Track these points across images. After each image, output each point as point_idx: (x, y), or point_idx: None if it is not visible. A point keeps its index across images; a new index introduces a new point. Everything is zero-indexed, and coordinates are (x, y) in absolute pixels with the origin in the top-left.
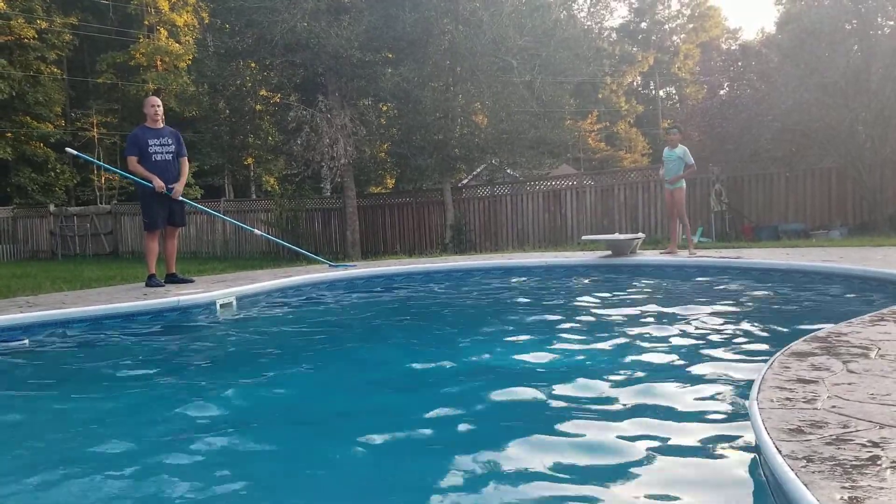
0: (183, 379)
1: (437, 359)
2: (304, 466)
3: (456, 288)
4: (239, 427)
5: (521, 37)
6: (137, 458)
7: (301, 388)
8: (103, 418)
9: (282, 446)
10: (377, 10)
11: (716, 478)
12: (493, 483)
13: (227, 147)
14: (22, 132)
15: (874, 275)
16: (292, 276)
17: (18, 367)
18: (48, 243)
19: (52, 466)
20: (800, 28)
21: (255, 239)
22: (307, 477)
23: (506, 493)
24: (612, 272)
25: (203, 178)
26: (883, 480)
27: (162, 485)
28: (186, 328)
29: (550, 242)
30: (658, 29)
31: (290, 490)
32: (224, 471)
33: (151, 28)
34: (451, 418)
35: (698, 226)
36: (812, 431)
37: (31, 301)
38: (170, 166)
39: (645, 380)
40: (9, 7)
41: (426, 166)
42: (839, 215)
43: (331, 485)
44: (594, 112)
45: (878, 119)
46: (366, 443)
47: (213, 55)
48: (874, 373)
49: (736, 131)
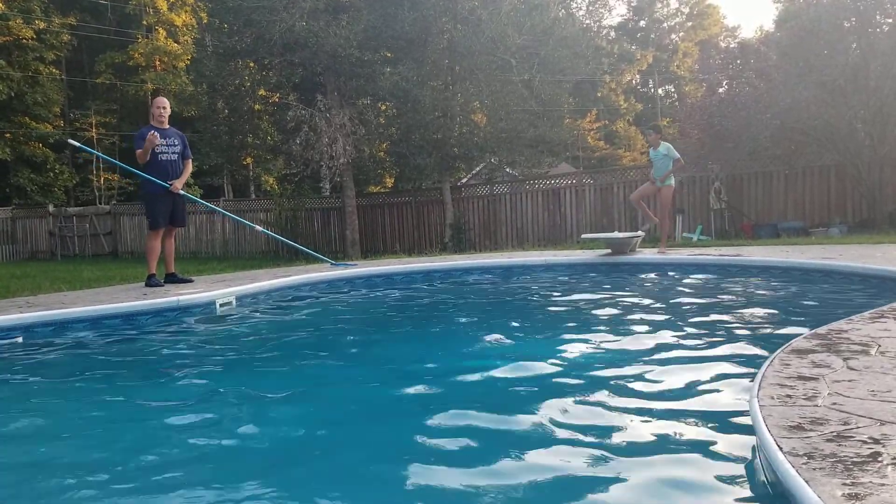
0: (182, 379)
1: (438, 358)
2: (303, 467)
3: (456, 286)
4: (239, 427)
5: (519, 35)
6: (131, 459)
7: (301, 388)
8: (101, 416)
9: (282, 447)
10: (376, 9)
11: (716, 475)
12: (490, 483)
13: (226, 147)
14: (21, 133)
15: (874, 272)
16: (292, 275)
17: (18, 367)
18: (47, 244)
19: (55, 467)
20: (798, 26)
21: (254, 239)
22: (305, 480)
23: (504, 493)
24: (612, 271)
25: (202, 178)
26: (884, 477)
27: (151, 489)
28: (186, 328)
29: (550, 241)
30: (657, 27)
31: (288, 489)
32: (219, 472)
33: (150, 28)
34: (449, 417)
35: (697, 224)
36: (813, 428)
37: (30, 301)
38: (175, 166)
39: (644, 377)
40: (7, 7)
41: (425, 165)
42: (838, 213)
43: (330, 485)
44: (593, 110)
45: (877, 117)
46: (367, 443)
47: (211, 55)
48: (874, 370)
49: (735, 129)
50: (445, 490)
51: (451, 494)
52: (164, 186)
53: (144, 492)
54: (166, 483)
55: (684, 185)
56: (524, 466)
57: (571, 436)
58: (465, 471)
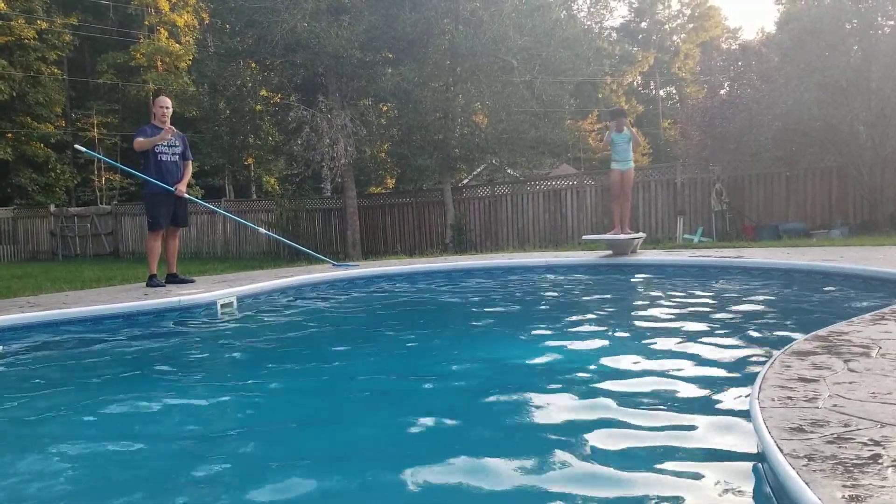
0: (182, 379)
1: (438, 358)
2: (302, 468)
3: (457, 287)
4: (238, 428)
5: (521, 37)
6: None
7: (301, 387)
8: (101, 416)
9: (281, 448)
10: (377, 10)
11: (717, 476)
12: (487, 483)
13: (227, 147)
14: (22, 133)
15: (875, 274)
16: (293, 276)
17: (19, 368)
18: (48, 244)
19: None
20: (800, 27)
21: (255, 239)
22: (307, 482)
23: (504, 493)
24: (613, 272)
25: (203, 179)
26: (884, 479)
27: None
28: (187, 328)
29: (551, 242)
30: (658, 28)
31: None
32: (220, 472)
33: (152, 28)
34: (448, 417)
35: (699, 225)
36: (813, 430)
37: (31, 301)
38: (175, 168)
39: (644, 378)
40: (9, 8)
41: (426, 166)
42: (840, 215)
43: (329, 484)
44: (594, 112)
45: (879, 118)
46: (366, 443)
47: (213, 55)
48: (875, 372)
49: (736, 131)
50: (445, 489)
51: (449, 492)
52: (168, 189)
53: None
54: (158, 485)
55: (685, 187)
56: (524, 467)
57: (570, 436)
58: (465, 470)
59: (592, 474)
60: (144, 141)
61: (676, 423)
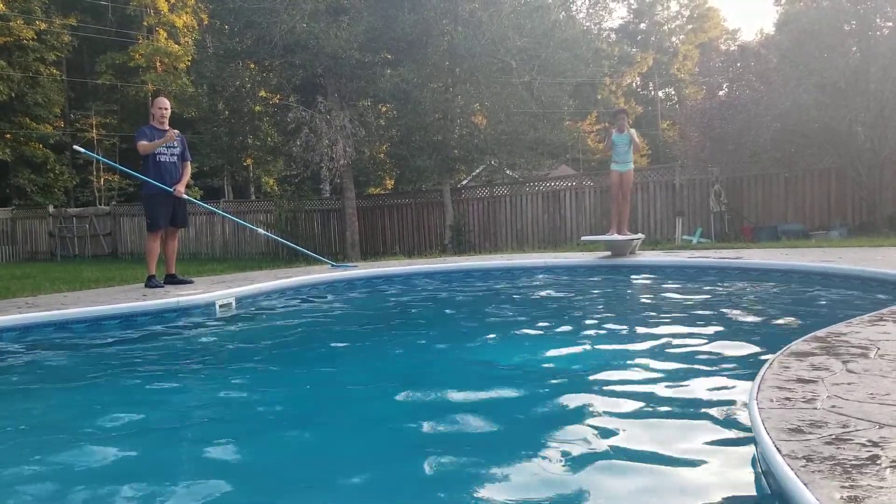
0: (181, 379)
1: (437, 358)
2: (302, 468)
3: (456, 288)
4: (238, 428)
5: (520, 38)
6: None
7: (299, 387)
8: (100, 417)
9: (281, 449)
10: (376, 11)
11: (715, 478)
12: (484, 481)
13: (226, 148)
14: (21, 133)
15: (873, 275)
16: (292, 276)
17: (24, 367)
18: (47, 244)
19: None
20: (799, 29)
21: (254, 240)
22: (303, 479)
23: (504, 493)
24: (612, 273)
25: (202, 180)
26: (882, 480)
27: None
28: (186, 329)
29: (550, 243)
30: (657, 30)
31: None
32: (220, 472)
33: (150, 29)
34: (448, 417)
35: (697, 226)
36: (812, 431)
37: (30, 302)
38: (174, 168)
39: (642, 379)
40: (8, 8)
41: (425, 167)
42: (838, 216)
43: (328, 484)
44: (593, 113)
45: (878, 119)
46: (367, 443)
47: (212, 56)
48: (873, 373)
49: (735, 132)
50: (444, 489)
51: (449, 492)
52: (167, 190)
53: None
54: (158, 486)
55: (684, 188)
56: (523, 467)
57: (570, 436)
58: (464, 470)
59: (590, 475)
60: (149, 145)
61: (675, 424)
